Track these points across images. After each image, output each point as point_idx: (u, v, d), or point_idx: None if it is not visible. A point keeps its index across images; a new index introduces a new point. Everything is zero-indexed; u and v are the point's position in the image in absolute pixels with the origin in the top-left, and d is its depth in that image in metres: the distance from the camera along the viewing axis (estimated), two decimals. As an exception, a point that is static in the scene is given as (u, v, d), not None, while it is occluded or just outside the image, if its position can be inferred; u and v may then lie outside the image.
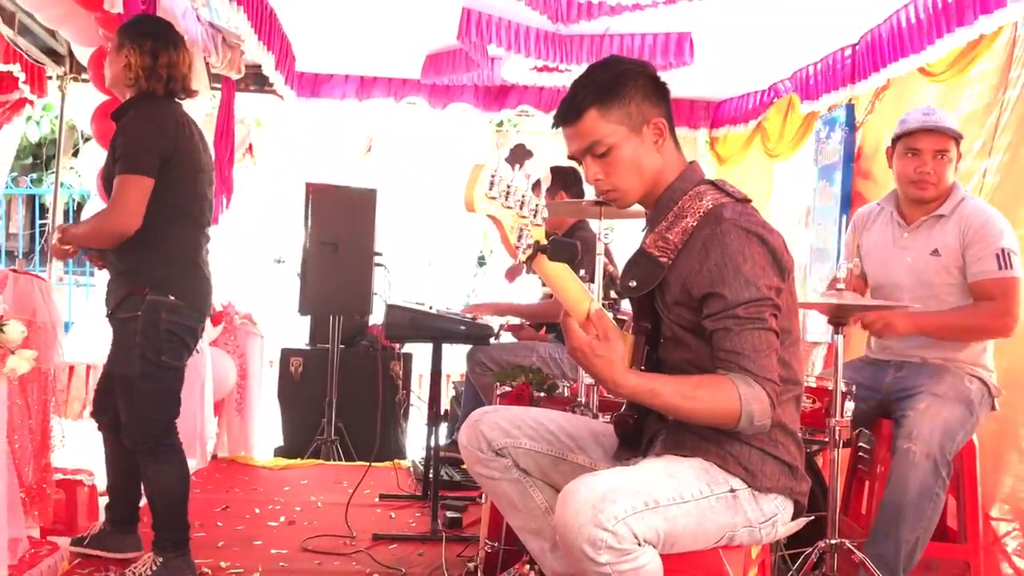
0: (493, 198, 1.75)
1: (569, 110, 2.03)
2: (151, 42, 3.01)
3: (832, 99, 4.96)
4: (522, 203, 1.77)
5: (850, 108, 4.95)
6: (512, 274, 5.15)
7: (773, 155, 5.84)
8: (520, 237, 1.79)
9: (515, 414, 2.20)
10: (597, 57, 4.76)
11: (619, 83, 2.01)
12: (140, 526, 3.33)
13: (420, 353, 5.95)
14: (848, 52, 4.72)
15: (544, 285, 4.17)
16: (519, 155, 1.81)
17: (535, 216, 1.79)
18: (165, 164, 2.94)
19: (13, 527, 3.07)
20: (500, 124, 7.20)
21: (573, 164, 2.34)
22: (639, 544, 1.77)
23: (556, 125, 2.09)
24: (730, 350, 1.88)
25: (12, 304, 3.33)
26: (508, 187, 1.75)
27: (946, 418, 2.90)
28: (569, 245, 1.83)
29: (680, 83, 5.60)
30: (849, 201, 4.92)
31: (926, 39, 3.92)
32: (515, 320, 4.83)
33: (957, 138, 3.10)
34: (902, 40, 4.13)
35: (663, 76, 2.12)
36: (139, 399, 2.99)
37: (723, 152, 6.54)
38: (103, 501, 3.41)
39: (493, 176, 1.74)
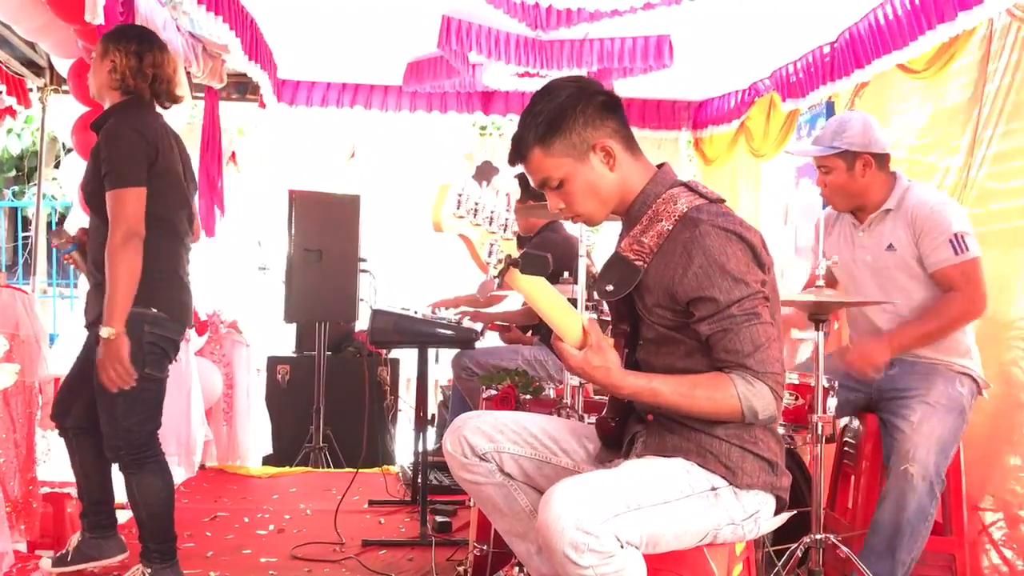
0: (461, 217, 1.76)
1: (515, 152, 2.07)
2: (136, 44, 3.03)
3: (812, 97, 4.99)
4: (491, 219, 1.78)
5: (830, 105, 4.97)
6: (484, 290, 5.15)
7: (759, 155, 5.87)
8: (490, 253, 1.80)
9: (498, 419, 2.21)
10: (578, 63, 4.78)
11: (559, 116, 2.01)
12: (128, 537, 3.32)
13: (407, 358, 5.96)
14: (827, 50, 4.74)
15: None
16: (486, 172, 1.82)
17: (505, 231, 1.80)
18: (149, 171, 2.93)
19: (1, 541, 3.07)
20: (484, 128, 7.20)
21: None
22: (621, 546, 1.78)
23: (512, 163, 2.11)
24: (730, 350, 1.91)
25: (-5, 317, 3.33)
26: (476, 204, 1.76)
27: (941, 434, 2.92)
28: (540, 258, 1.85)
29: (660, 84, 5.63)
30: (830, 199, 4.95)
31: (904, 36, 3.94)
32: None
33: (838, 151, 3.10)
34: (880, 37, 4.15)
35: (642, 79, 2.14)
36: (121, 411, 2.97)
37: (710, 153, 6.56)
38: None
39: (460, 195, 1.76)
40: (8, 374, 2.90)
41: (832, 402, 2.88)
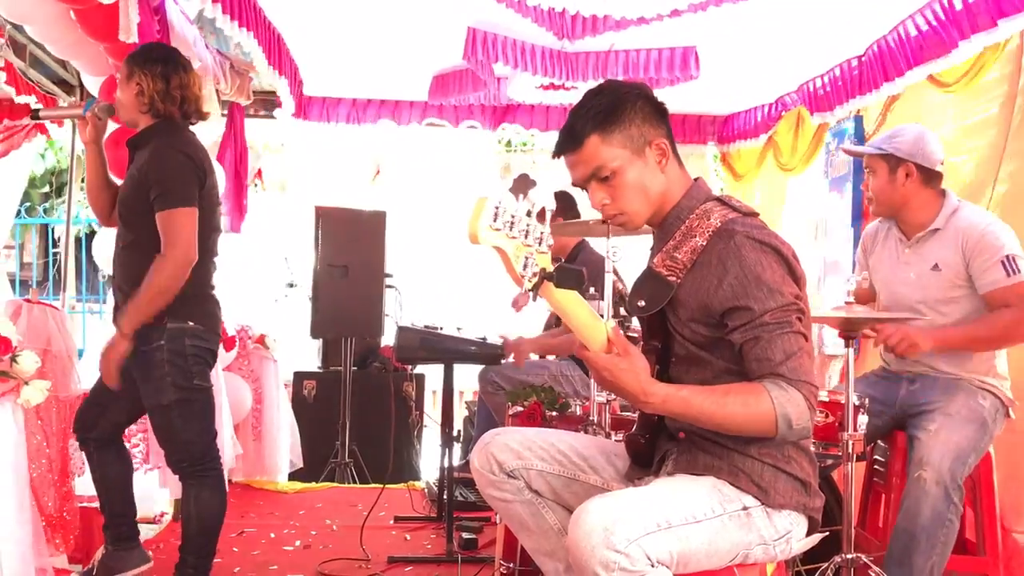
0: (497, 229, 1.75)
1: (570, 138, 2.04)
2: (161, 66, 3.04)
3: (840, 111, 4.96)
4: (527, 232, 1.76)
5: (858, 119, 4.93)
6: (518, 304, 5.18)
7: (787, 169, 5.83)
8: (525, 266, 1.78)
9: (526, 435, 2.20)
10: (603, 73, 4.77)
11: (618, 107, 2.01)
12: (156, 553, 3.32)
13: (432, 373, 5.96)
14: (855, 63, 4.72)
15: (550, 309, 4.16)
16: (523, 184, 1.82)
17: (540, 244, 1.79)
18: (198, 192, 2.96)
19: (36, 557, 3.07)
20: (508, 143, 7.21)
21: (566, 189, 2.29)
22: (652, 565, 1.76)
23: (557, 154, 2.09)
24: (761, 358, 1.88)
25: (26, 334, 3.35)
26: (512, 217, 1.75)
27: (957, 441, 2.88)
28: (576, 272, 1.83)
29: (686, 98, 5.62)
30: (860, 213, 4.90)
31: (935, 48, 3.91)
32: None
33: (884, 154, 3.10)
34: (909, 50, 4.12)
35: (669, 91, 2.13)
36: (178, 425, 3.00)
37: (739, 168, 6.54)
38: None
39: (497, 207, 1.74)
40: (39, 391, 2.91)
41: (863, 419, 2.85)
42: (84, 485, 3.71)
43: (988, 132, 3.85)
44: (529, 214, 1.78)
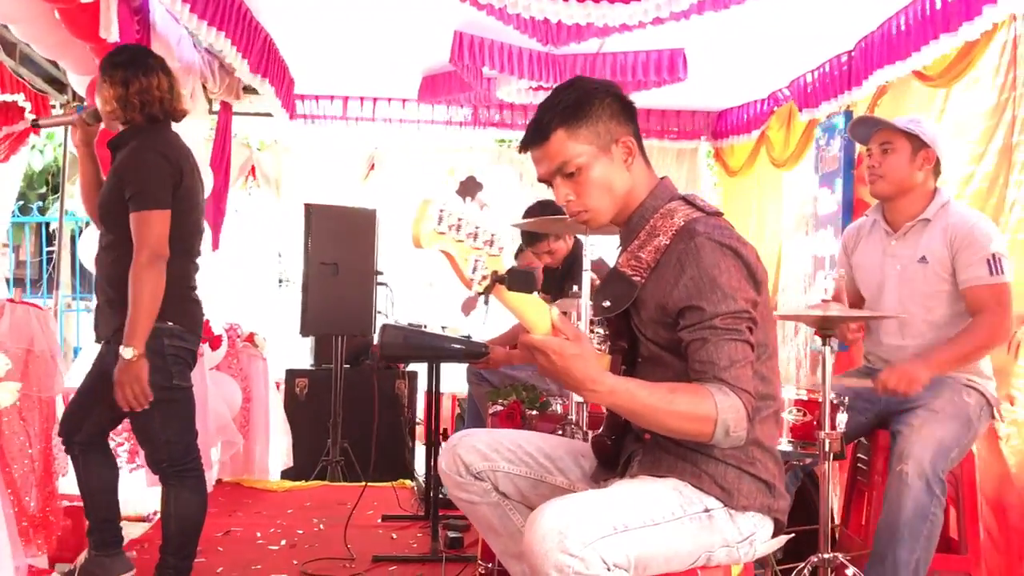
0: (442, 233, 1.73)
1: (536, 132, 2.02)
2: (122, 71, 3.01)
3: (830, 106, 4.95)
4: (475, 234, 1.74)
5: (848, 115, 4.92)
6: (467, 307, 5.18)
7: (779, 165, 5.82)
8: (474, 269, 1.76)
9: (494, 437, 2.19)
10: (592, 75, 4.77)
11: (586, 103, 2.00)
12: (140, 553, 3.32)
13: (425, 372, 5.95)
14: (844, 59, 4.71)
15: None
16: (470, 187, 1.80)
17: (491, 246, 1.77)
18: (173, 193, 2.95)
19: (12, 556, 3.07)
20: (502, 141, 7.19)
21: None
22: (608, 569, 1.74)
23: (524, 149, 2.07)
24: (705, 360, 1.85)
25: (9, 334, 3.35)
26: (459, 220, 1.73)
27: (940, 436, 2.86)
28: (528, 274, 1.81)
29: (678, 94, 5.62)
30: (851, 208, 4.90)
31: (919, 43, 3.91)
32: None
33: (908, 134, 3.09)
34: (897, 45, 4.12)
35: (657, 92, 2.10)
36: (159, 426, 3.00)
37: (732, 163, 6.53)
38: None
39: (442, 210, 1.73)
40: (8, 392, 2.90)
41: (841, 418, 2.83)
42: (68, 485, 3.72)
43: (982, 124, 3.80)
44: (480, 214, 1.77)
